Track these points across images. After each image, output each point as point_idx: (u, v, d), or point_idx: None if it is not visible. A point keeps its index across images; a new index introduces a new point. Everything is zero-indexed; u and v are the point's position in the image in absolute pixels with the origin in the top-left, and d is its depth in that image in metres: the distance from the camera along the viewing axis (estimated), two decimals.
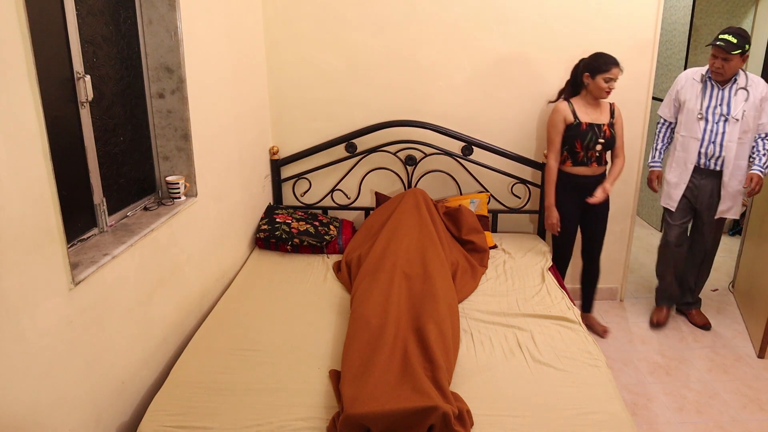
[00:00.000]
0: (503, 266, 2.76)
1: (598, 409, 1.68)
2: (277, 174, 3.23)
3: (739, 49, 2.67)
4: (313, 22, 3.02)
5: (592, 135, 2.76)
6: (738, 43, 2.67)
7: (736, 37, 2.67)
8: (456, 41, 3.05)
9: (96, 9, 1.77)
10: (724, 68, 2.74)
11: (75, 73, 1.63)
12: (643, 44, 3.05)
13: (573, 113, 2.77)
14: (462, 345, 2.02)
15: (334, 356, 1.94)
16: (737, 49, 2.67)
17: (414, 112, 3.15)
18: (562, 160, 2.86)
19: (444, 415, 1.52)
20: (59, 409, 1.41)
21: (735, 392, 2.63)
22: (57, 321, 1.39)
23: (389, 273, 2.28)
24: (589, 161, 2.82)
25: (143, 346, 1.83)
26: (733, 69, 2.74)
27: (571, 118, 2.77)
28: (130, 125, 2.00)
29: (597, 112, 2.80)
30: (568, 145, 2.81)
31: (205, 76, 2.28)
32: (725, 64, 2.72)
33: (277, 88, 3.14)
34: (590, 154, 2.80)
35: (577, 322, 2.19)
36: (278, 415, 1.63)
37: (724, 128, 2.81)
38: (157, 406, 1.66)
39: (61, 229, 1.38)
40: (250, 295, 2.40)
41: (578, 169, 2.84)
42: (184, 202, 2.14)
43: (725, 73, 2.75)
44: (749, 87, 2.80)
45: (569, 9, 3.00)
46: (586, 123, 2.76)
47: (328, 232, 2.94)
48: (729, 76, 2.77)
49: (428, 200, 2.93)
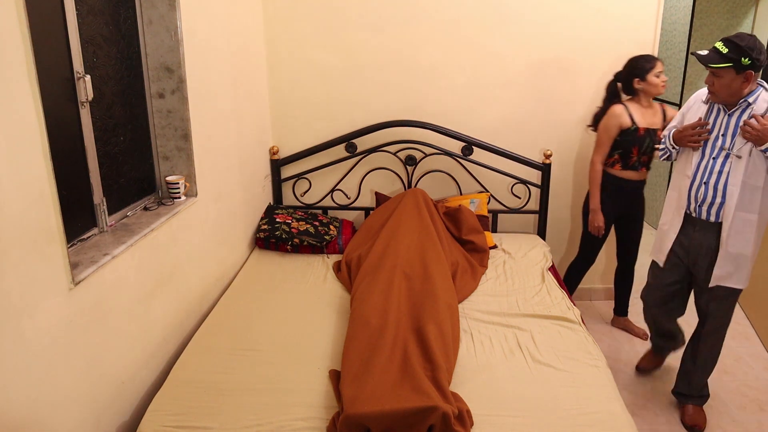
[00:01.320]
0: (503, 266, 2.76)
1: (598, 409, 1.68)
2: (277, 174, 3.23)
3: (727, 62, 2.00)
4: (313, 22, 3.02)
5: (650, 141, 2.73)
6: (727, 55, 1.99)
7: (727, 46, 2.00)
8: (456, 41, 3.05)
9: (96, 9, 1.77)
10: (715, 86, 2.09)
11: (75, 73, 1.63)
12: (643, 45, 3.04)
13: (630, 117, 2.73)
14: (462, 345, 2.02)
15: (334, 356, 1.94)
16: (725, 62, 2.00)
17: (414, 112, 3.15)
18: (611, 163, 2.82)
19: (444, 415, 1.52)
20: (59, 409, 1.41)
21: (735, 392, 2.63)
22: (57, 321, 1.39)
23: (389, 273, 2.28)
24: (640, 166, 2.79)
25: (143, 346, 1.83)
26: (729, 89, 2.05)
27: (629, 122, 2.72)
28: (130, 125, 2.00)
29: (650, 114, 2.76)
30: (622, 149, 2.76)
31: (205, 76, 2.28)
32: (716, 81, 2.08)
33: (277, 88, 3.14)
34: (643, 159, 2.78)
35: (577, 322, 2.19)
36: (278, 415, 1.63)
37: (723, 166, 2.13)
38: (157, 406, 1.66)
39: (61, 229, 1.38)
40: (250, 295, 2.40)
41: (627, 173, 2.81)
42: (184, 202, 2.14)
43: (717, 92, 2.10)
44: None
45: (569, 9, 3.00)
46: (643, 128, 2.72)
47: (328, 232, 2.94)
48: (724, 97, 2.09)
49: (428, 200, 2.93)
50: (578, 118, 3.16)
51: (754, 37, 1.98)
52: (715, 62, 2.02)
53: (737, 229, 2.13)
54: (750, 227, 2.12)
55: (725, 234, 2.15)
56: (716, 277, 2.21)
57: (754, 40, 1.98)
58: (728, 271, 2.18)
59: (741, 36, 1.99)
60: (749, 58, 1.97)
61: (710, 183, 2.16)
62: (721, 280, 2.21)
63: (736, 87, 2.04)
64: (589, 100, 3.11)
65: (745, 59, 1.97)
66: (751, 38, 1.98)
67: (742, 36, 1.99)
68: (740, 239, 2.14)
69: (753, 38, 1.98)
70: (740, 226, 2.13)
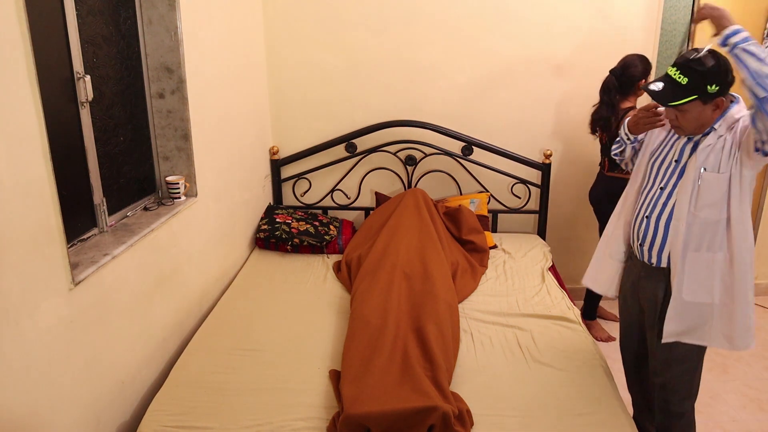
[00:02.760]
0: (503, 266, 2.76)
1: (598, 409, 1.68)
2: (277, 174, 3.23)
3: (690, 95, 1.56)
4: (313, 22, 3.02)
5: None
6: (688, 86, 1.56)
7: (685, 74, 1.57)
8: (456, 41, 3.05)
9: (96, 9, 1.77)
10: (680, 122, 1.65)
11: (75, 73, 1.63)
12: (643, 45, 3.05)
13: None
14: (462, 345, 2.02)
15: (334, 356, 1.94)
16: (688, 96, 1.56)
17: (414, 112, 3.15)
18: (614, 166, 2.74)
19: (444, 415, 1.52)
20: (59, 409, 1.41)
21: (735, 392, 2.63)
22: (57, 321, 1.39)
23: (389, 273, 2.28)
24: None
25: (143, 346, 1.83)
26: (698, 121, 1.62)
27: None
28: (130, 125, 2.00)
29: None
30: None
31: (205, 76, 2.28)
32: (680, 116, 1.64)
33: (277, 88, 3.14)
34: None
35: (577, 322, 2.19)
36: (278, 415, 1.63)
37: (669, 197, 1.69)
38: (157, 406, 1.66)
39: (61, 229, 1.38)
40: (250, 295, 2.40)
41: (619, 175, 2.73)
42: (184, 202, 2.14)
43: (684, 127, 1.65)
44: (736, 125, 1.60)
45: (569, 10, 3.00)
46: None
47: (328, 232, 2.94)
48: (693, 130, 1.65)
49: (428, 200, 2.93)
50: (578, 118, 3.16)
51: (714, 53, 1.57)
52: (677, 99, 1.58)
53: (692, 274, 1.65)
54: (705, 270, 1.64)
55: (675, 281, 1.67)
56: (667, 333, 1.70)
57: (715, 58, 1.55)
58: (680, 328, 1.69)
59: (697, 59, 1.55)
60: (716, 84, 1.55)
61: (653, 216, 1.72)
62: (674, 336, 1.70)
63: (707, 118, 1.61)
64: (589, 100, 3.10)
65: (712, 86, 1.55)
66: (712, 57, 1.55)
67: (698, 59, 1.55)
68: (697, 288, 1.65)
69: (713, 56, 1.56)
70: (697, 270, 1.64)
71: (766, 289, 3.63)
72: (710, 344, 1.70)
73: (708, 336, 1.69)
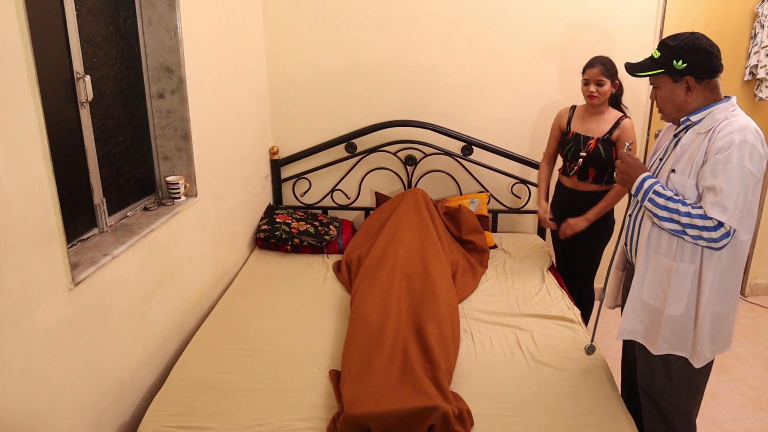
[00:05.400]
0: (503, 266, 2.76)
1: (598, 409, 1.68)
2: (277, 174, 3.23)
3: (659, 68, 1.59)
4: (313, 22, 3.02)
5: (573, 146, 2.55)
6: (659, 60, 1.59)
7: (660, 49, 1.59)
8: (456, 41, 3.05)
9: (96, 9, 1.77)
10: (658, 101, 1.66)
11: (75, 74, 1.63)
12: (643, 45, 3.04)
13: (568, 120, 2.63)
14: (462, 345, 2.02)
15: (334, 356, 1.94)
16: (656, 68, 1.59)
17: (414, 112, 3.15)
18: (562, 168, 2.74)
19: (444, 415, 1.52)
20: (59, 410, 1.41)
21: (734, 392, 2.63)
22: (57, 321, 1.39)
23: (389, 273, 2.28)
24: (570, 173, 2.60)
25: (143, 346, 1.83)
26: (672, 102, 1.61)
27: (564, 125, 2.63)
28: (130, 125, 2.00)
29: (594, 123, 2.53)
30: (560, 152, 2.69)
31: (205, 76, 2.28)
32: (657, 94, 1.65)
33: (277, 88, 3.14)
34: (573, 166, 2.57)
35: (577, 322, 2.19)
36: (278, 415, 1.63)
37: None
38: (157, 406, 1.66)
39: (61, 229, 1.38)
40: (250, 295, 2.40)
41: (563, 179, 2.70)
42: (184, 202, 2.14)
43: (662, 108, 1.66)
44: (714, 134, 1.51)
45: (569, 10, 3.00)
46: (573, 132, 2.57)
47: (328, 232, 2.94)
48: (671, 113, 1.64)
49: (428, 200, 2.93)
50: None
51: (696, 34, 1.55)
52: (643, 69, 1.60)
53: (651, 274, 1.65)
54: (664, 276, 1.60)
55: (635, 278, 1.68)
56: (622, 329, 1.71)
57: (693, 38, 1.54)
58: (635, 326, 1.70)
59: (676, 35, 1.56)
60: (684, 60, 1.53)
61: (633, 216, 1.75)
62: (629, 335, 1.71)
63: (679, 99, 1.58)
64: None
65: (678, 62, 1.53)
66: (690, 36, 1.54)
67: (677, 35, 1.56)
68: (654, 288, 1.64)
69: (692, 36, 1.54)
70: (655, 273, 1.63)
71: (766, 289, 3.63)
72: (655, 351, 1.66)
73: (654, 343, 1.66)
